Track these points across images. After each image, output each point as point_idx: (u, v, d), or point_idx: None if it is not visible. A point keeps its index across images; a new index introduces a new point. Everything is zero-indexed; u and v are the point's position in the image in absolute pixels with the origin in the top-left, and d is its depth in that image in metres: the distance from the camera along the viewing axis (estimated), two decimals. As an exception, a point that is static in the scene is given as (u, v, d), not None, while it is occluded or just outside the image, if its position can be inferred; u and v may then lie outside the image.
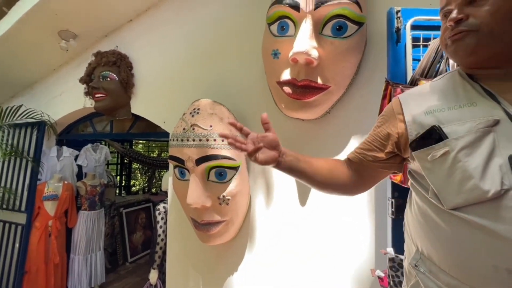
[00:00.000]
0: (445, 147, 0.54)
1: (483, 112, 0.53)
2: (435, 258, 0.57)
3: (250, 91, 1.54)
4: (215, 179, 1.36)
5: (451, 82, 0.61)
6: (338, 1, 1.11)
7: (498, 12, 0.51)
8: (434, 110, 0.58)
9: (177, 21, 1.82)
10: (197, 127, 1.36)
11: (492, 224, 0.48)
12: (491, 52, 0.54)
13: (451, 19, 0.54)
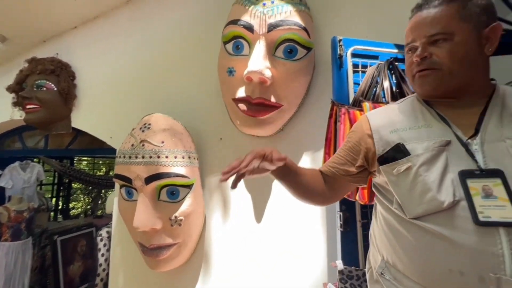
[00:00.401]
0: (408, 163, 0.60)
1: (437, 134, 0.60)
2: (399, 265, 0.61)
3: (205, 107, 1.52)
4: (167, 198, 1.28)
5: (410, 105, 0.69)
6: (288, 26, 1.19)
7: (455, 55, 0.59)
8: (398, 129, 0.65)
9: (128, 32, 1.74)
10: (147, 143, 1.27)
11: (447, 231, 0.53)
12: (450, 88, 0.62)
13: (418, 56, 0.62)
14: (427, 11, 0.62)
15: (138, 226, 1.19)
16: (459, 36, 0.58)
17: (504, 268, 0.47)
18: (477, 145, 0.56)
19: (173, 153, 1.28)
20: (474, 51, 0.59)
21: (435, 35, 0.59)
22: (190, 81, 1.57)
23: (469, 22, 0.59)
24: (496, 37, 0.60)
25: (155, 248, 1.27)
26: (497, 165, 0.54)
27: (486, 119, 0.58)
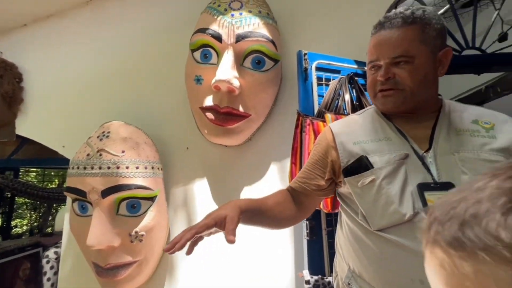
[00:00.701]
0: (372, 175, 0.61)
1: (397, 147, 0.62)
2: (365, 275, 0.62)
3: (171, 115, 1.47)
4: (127, 212, 1.18)
5: (370, 118, 0.71)
6: (256, 38, 1.21)
7: (416, 77, 0.61)
8: (360, 141, 0.66)
9: (88, 34, 1.63)
10: (105, 153, 1.18)
11: (408, 242, 0.55)
12: (410, 106, 0.64)
13: (382, 76, 0.63)
14: (389, 30, 0.63)
15: (92, 244, 1.08)
16: (419, 59, 0.61)
17: None
18: (431, 158, 0.59)
19: (135, 163, 1.20)
20: (431, 73, 0.63)
21: (398, 57, 0.61)
22: (155, 88, 1.51)
23: (427, 46, 0.62)
24: (447, 60, 0.65)
25: (112, 267, 1.16)
26: (449, 178, 0.57)
27: (437, 133, 0.62)
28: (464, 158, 0.57)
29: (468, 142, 0.59)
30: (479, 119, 0.63)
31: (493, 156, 0.56)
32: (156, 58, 1.53)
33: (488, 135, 0.59)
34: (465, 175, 0.56)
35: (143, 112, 1.48)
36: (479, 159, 0.56)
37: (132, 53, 1.56)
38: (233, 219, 0.58)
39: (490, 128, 0.60)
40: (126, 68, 1.55)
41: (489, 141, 0.58)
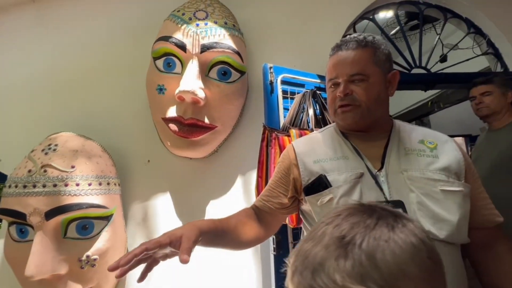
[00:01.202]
0: (330, 194, 0.62)
1: (353, 165, 0.65)
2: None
3: (130, 125, 1.37)
4: (76, 234, 1.06)
5: (330, 136, 0.74)
6: (222, 49, 1.20)
7: (370, 94, 0.66)
8: (320, 160, 0.68)
9: (33, 35, 1.47)
10: (51, 169, 1.05)
11: None
12: (367, 122, 0.68)
13: (341, 92, 0.66)
14: (346, 52, 0.68)
15: (31, 275, 0.93)
16: (373, 78, 0.66)
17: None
18: (383, 177, 0.63)
19: (87, 179, 1.08)
20: (383, 92, 0.68)
21: (355, 75, 0.66)
22: (112, 97, 1.40)
23: (379, 67, 0.68)
24: (395, 81, 0.71)
25: (57, 299, 1.02)
26: (398, 195, 0.60)
27: (388, 152, 0.66)
28: (411, 177, 0.61)
29: (415, 161, 0.63)
30: (424, 139, 0.68)
31: (436, 175, 0.61)
32: (113, 64, 1.43)
33: (432, 154, 0.65)
34: (412, 193, 0.59)
35: (98, 122, 1.36)
36: (424, 178, 0.60)
37: (87, 58, 1.44)
38: (189, 238, 0.54)
39: (434, 148, 0.66)
40: (79, 75, 1.42)
41: (433, 160, 0.64)
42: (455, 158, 0.64)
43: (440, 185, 0.59)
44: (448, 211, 0.58)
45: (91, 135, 1.24)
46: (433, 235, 0.56)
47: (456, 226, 0.57)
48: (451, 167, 0.62)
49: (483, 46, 1.80)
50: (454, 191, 0.59)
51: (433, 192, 0.59)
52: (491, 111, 1.37)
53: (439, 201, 0.58)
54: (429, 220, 0.57)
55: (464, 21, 1.79)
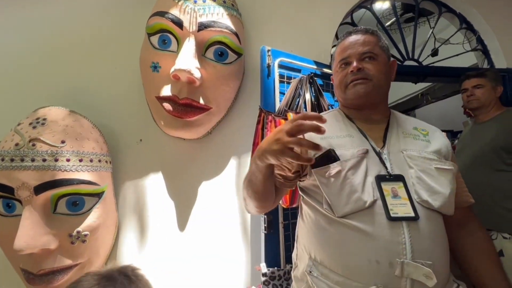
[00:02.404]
0: (338, 167, 0.66)
1: (359, 143, 0.70)
2: (326, 261, 0.66)
3: (122, 103, 1.34)
4: (67, 210, 1.05)
5: (335, 117, 0.79)
6: (220, 28, 1.17)
7: (381, 71, 0.73)
8: (326, 137, 0.71)
9: (20, 3, 1.38)
10: (40, 143, 1.02)
11: (367, 227, 0.61)
12: (375, 99, 0.74)
13: (355, 67, 0.72)
14: (356, 36, 0.76)
15: (21, 248, 0.92)
16: (381, 58, 0.74)
17: (406, 253, 0.58)
18: (386, 154, 0.69)
19: (77, 155, 1.06)
20: (388, 73, 0.76)
21: (367, 52, 0.73)
22: (104, 72, 1.35)
23: (384, 51, 0.76)
24: (394, 69, 0.79)
25: (48, 273, 1.02)
26: (399, 171, 0.67)
27: (389, 134, 0.73)
28: (410, 156, 0.68)
29: (412, 143, 0.72)
30: (418, 126, 0.77)
31: (430, 155, 0.69)
32: (106, 38, 1.37)
33: (425, 139, 0.73)
34: (411, 169, 0.67)
35: (88, 98, 1.32)
36: (421, 157, 0.68)
37: (77, 30, 1.37)
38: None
39: (426, 134, 0.75)
40: (69, 48, 1.36)
41: (427, 144, 0.72)
42: (443, 143, 0.73)
43: (434, 163, 0.67)
44: (441, 186, 0.65)
45: (80, 111, 1.20)
46: (429, 204, 0.63)
47: (447, 198, 0.65)
48: (441, 151, 0.71)
49: (473, 42, 1.86)
50: (446, 169, 0.68)
51: (429, 169, 0.67)
52: (481, 103, 1.42)
53: (434, 177, 0.66)
54: (426, 192, 0.64)
55: (457, 16, 1.83)
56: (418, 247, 0.59)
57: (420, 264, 0.57)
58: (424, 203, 0.63)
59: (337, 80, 0.78)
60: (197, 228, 1.27)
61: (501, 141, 1.29)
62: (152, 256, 1.24)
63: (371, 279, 0.59)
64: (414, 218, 0.61)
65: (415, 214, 0.61)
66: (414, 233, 0.60)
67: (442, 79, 1.86)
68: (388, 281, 0.58)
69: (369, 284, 0.59)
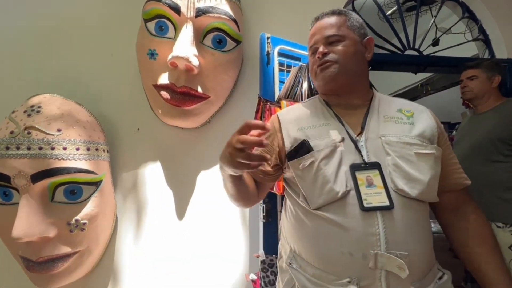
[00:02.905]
0: (312, 158, 0.65)
1: (335, 132, 0.68)
2: (303, 254, 0.65)
3: (119, 91, 1.32)
4: (65, 199, 1.04)
5: (314, 106, 0.77)
6: (218, 15, 1.14)
7: (347, 52, 0.70)
8: (303, 127, 0.70)
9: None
10: (35, 131, 1.00)
11: (340, 218, 0.60)
12: (344, 81, 0.71)
13: (320, 52, 0.71)
14: (322, 20, 0.75)
15: (19, 236, 0.92)
16: (349, 39, 0.72)
17: (379, 245, 0.56)
18: (363, 141, 0.66)
19: (74, 144, 1.05)
20: (360, 52, 0.73)
21: (332, 36, 0.71)
22: (100, 59, 1.33)
23: (353, 31, 0.73)
24: (371, 46, 0.76)
25: (47, 260, 1.02)
26: (376, 158, 0.64)
27: (368, 120, 0.70)
28: (389, 142, 0.65)
29: (392, 127, 0.68)
30: (402, 108, 0.73)
31: (412, 140, 0.65)
32: (101, 24, 1.34)
33: (409, 121, 0.69)
34: (388, 156, 0.63)
35: (83, 86, 1.30)
36: (400, 142, 0.64)
37: (72, 16, 1.33)
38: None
39: (411, 116, 0.71)
40: (63, 35, 1.32)
41: (409, 127, 0.68)
42: (429, 125, 0.69)
43: (414, 148, 0.64)
44: (420, 172, 0.62)
45: (76, 99, 1.18)
46: (405, 193, 0.60)
47: (427, 185, 0.62)
48: (425, 133, 0.67)
49: (474, 31, 1.83)
50: (427, 153, 0.64)
51: (408, 155, 0.63)
52: (474, 95, 1.42)
53: (413, 163, 0.63)
54: (403, 180, 0.61)
55: (460, 5, 1.79)
56: (393, 238, 0.57)
57: (393, 255, 0.55)
58: (400, 191, 0.60)
59: (309, 66, 0.78)
60: (195, 216, 1.28)
61: (498, 132, 1.29)
62: (151, 244, 1.25)
63: (345, 272, 0.58)
64: (389, 207, 0.58)
65: (390, 203, 0.58)
66: (388, 223, 0.58)
67: (442, 69, 1.85)
68: (362, 274, 0.57)
69: (343, 277, 0.58)
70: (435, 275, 0.63)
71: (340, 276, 0.59)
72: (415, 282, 0.57)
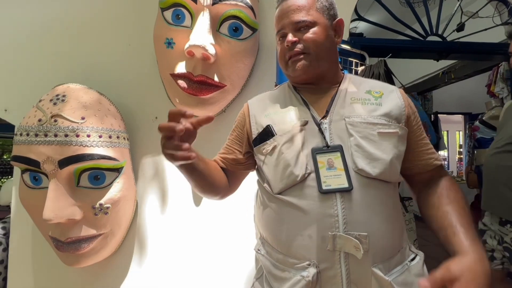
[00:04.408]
0: (274, 142, 0.65)
1: (300, 115, 0.67)
2: (269, 239, 0.66)
3: (138, 80, 1.35)
4: (89, 184, 1.10)
5: (282, 92, 0.77)
6: (235, 2, 1.13)
7: (318, 40, 0.67)
8: (270, 113, 0.71)
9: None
10: (61, 119, 1.05)
11: (299, 201, 0.60)
12: (318, 72, 0.69)
13: (289, 41, 0.67)
14: (291, 1, 0.69)
15: (50, 218, 0.99)
16: (319, 24, 0.67)
17: (338, 226, 0.56)
18: (327, 124, 0.65)
19: (97, 131, 1.09)
20: (331, 38, 0.70)
21: (301, 22, 0.67)
22: (118, 49, 1.35)
23: (323, 14, 0.69)
24: (341, 29, 0.72)
25: (74, 241, 1.09)
26: (339, 141, 0.63)
27: (335, 102, 0.68)
28: (352, 123, 0.63)
29: (358, 109, 0.66)
30: (371, 89, 0.70)
31: (376, 119, 0.63)
32: (120, 14, 1.36)
33: (376, 102, 0.67)
34: (351, 137, 0.62)
35: (103, 76, 1.33)
36: (364, 122, 0.63)
37: (91, 6, 1.36)
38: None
39: (379, 97, 0.68)
40: (85, 23, 1.35)
41: (376, 107, 0.66)
42: (396, 104, 0.67)
43: (378, 128, 0.63)
44: (382, 151, 0.61)
45: (98, 88, 1.22)
46: (366, 173, 0.59)
47: (388, 164, 0.60)
48: (392, 113, 0.65)
49: (504, 15, 1.72)
50: (390, 132, 0.63)
51: (371, 135, 0.62)
52: None
53: (376, 143, 0.62)
54: (364, 160, 0.60)
55: (488, -14, 1.69)
56: (352, 219, 0.56)
57: (351, 236, 0.54)
58: (361, 171, 0.59)
59: (278, 53, 0.73)
60: (211, 203, 1.31)
61: None
62: (169, 229, 1.30)
63: (305, 255, 0.58)
64: (347, 189, 0.58)
65: (349, 185, 0.58)
66: (348, 204, 0.57)
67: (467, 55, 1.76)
68: (321, 256, 0.56)
69: (303, 260, 0.58)
70: (406, 256, 0.62)
71: (300, 259, 0.59)
72: (377, 263, 0.56)
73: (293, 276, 0.58)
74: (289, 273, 0.60)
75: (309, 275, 0.56)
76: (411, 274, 0.59)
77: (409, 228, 1.27)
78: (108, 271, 1.28)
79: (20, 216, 1.28)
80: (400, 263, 0.59)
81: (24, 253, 1.30)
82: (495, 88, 1.97)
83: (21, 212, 1.24)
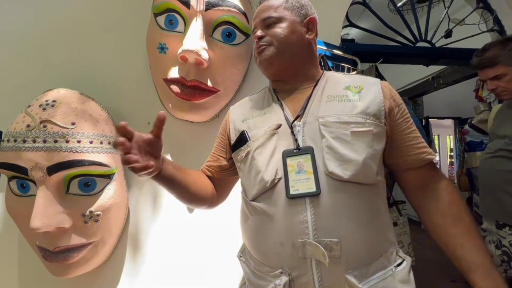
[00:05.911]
0: (248, 148, 0.64)
1: (274, 118, 0.66)
2: (248, 246, 0.66)
3: (130, 85, 1.33)
4: (79, 191, 1.07)
5: (262, 95, 0.76)
6: (228, 8, 1.14)
7: (282, 34, 0.67)
8: (247, 118, 0.70)
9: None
10: (51, 124, 1.03)
11: (270, 208, 0.58)
12: (283, 64, 0.68)
13: (256, 36, 0.70)
14: (263, 3, 0.72)
15: (37, 226, 0.95)
16: (285, 20, 0.68)
17: (308, 233, 0.54)
18: (300, 126, 0.62)
19: (88, 137, 1.07)
20: (298, 34, 0.69)
21: (268, 18, 0.69)
22: (110, 54, 1.34)
23: (292, 12, 0.70)
24: (314, 26, 0.72)
25: (63, 250, 1.05)
26: (312, 142, 0.60)
27: (310, 102, 0.65)
28: (326, 123, 0.60)
29: (334, 107, 0.62)
30: (351, 85, 0.66)
31: (352, 118, 0.60)
32: (112, 19, 1.35)
33: (354, 98, 0.63)
34: (323, 138, 0.59)
35: (95, 81, 1.31)
36: (338, 122, 0.60)
37: (84, 10, 1.35)
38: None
39: (357, 92, 0.64)
40: (74, 29, 1.34)
41: (353, 104, 0.62)
42: (375, 100, 0.62)
43: (351, 127, 0.59)
44: (355, 152, 0.57)
45: (89, 93, 1.20)
46: (337, 176, 0.56)
47: (361, 165, 0.57)
48: (369, 109, 0.61)
49: (489, 22, 1.78)
50: (364, 131, 0.59)
51: (343, 135, 0.58)
52: None
53: (348, 143, 0.58)
54: (336, 162, 0.57)
55: (474, -5, 1.75)
56: (322, 224, 0.54)
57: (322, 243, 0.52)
58: (332, 174, 0.56)
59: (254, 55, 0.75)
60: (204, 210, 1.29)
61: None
62: (161, 236, 1.27)
63: (278, 263, 0.57)
64: (315, 193, 0.55)
65: (317, 189, 0.55)
66: (318, 210, 0.54)
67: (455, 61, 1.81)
68: (293, 264, 0.55)
69: (276, 268, 0.57)
70: (391, 261, 0.58)
71: (274, 267, 0.57)
72: (352, 270, 0.53)
73: (268, 284, 0.58)
74: (265, 281, 0.59)
75: (281, 283, 0.55)
76: (395, 280, 0.56)
77: (403, 232, 1.27)
78: (98, 281, 1.24)
79: (5, 226, 1.24)
80: (383, 268, 0.57)
81: (10, 264, 1.25)
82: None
83: (7, 221, 1.20)
